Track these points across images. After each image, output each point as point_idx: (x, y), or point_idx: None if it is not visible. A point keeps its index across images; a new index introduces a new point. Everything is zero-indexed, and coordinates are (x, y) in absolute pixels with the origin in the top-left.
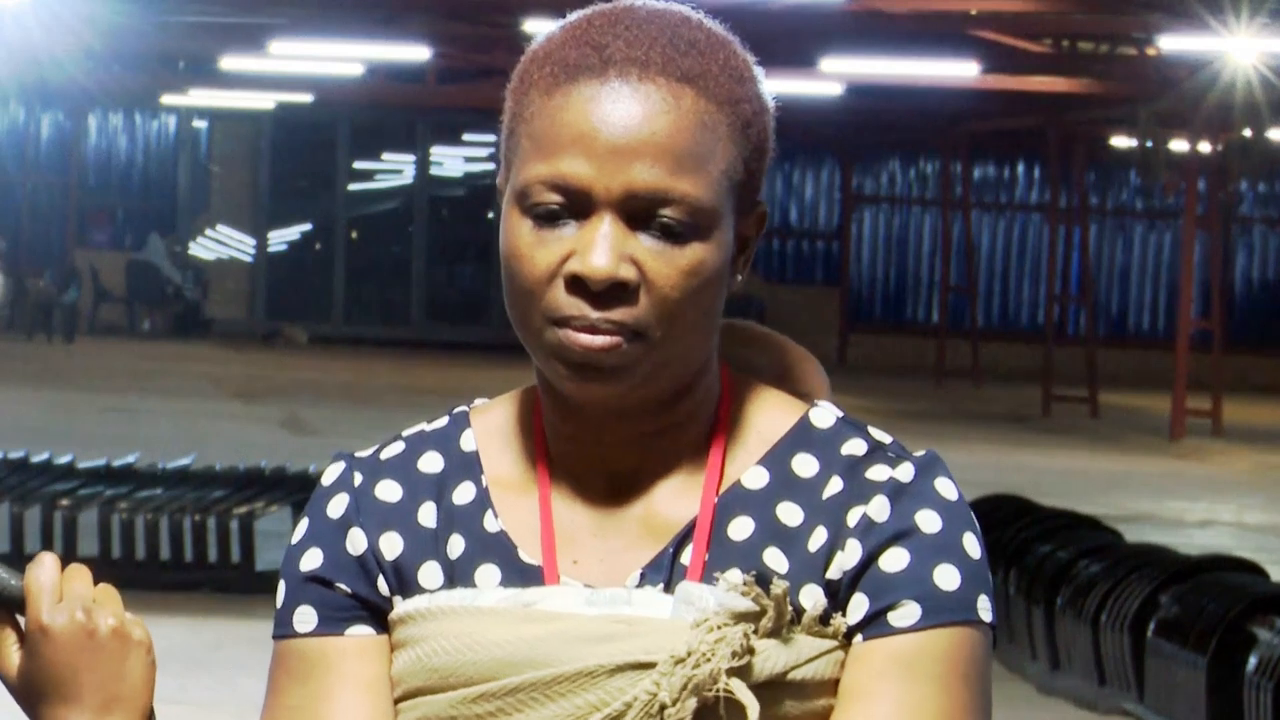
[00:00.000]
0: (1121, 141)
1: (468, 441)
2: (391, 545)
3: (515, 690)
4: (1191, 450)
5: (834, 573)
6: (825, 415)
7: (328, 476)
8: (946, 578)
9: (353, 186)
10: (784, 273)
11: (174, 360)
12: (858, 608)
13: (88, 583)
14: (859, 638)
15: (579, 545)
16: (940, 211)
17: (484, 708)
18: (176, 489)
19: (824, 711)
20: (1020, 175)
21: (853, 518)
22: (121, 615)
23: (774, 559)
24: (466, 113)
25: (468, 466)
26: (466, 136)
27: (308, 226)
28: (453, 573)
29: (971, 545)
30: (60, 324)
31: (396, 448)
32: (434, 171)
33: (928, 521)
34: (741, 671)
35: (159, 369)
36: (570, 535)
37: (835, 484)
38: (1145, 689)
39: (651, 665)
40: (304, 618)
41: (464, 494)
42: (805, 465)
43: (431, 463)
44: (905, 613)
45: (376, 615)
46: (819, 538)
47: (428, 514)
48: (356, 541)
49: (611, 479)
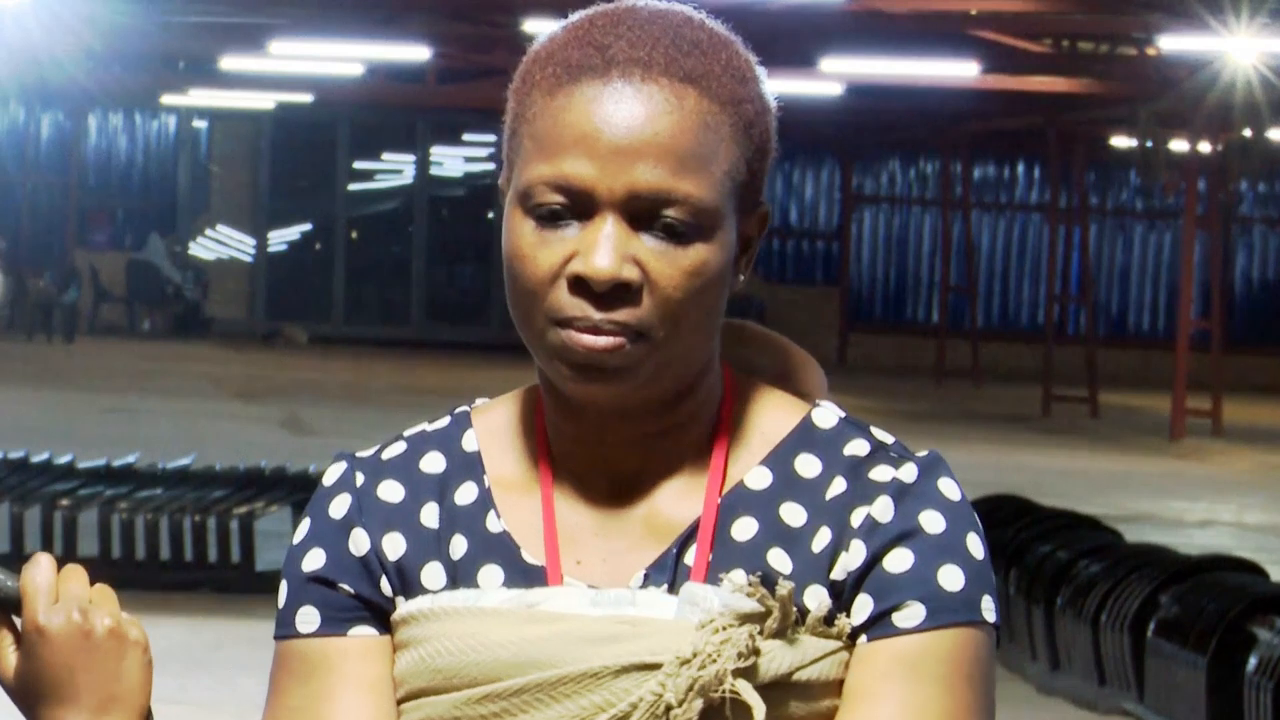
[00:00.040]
0: (1121, 141)
1: (469, 442)
2: (394, 546)
3: (520, 691)
4: (1191, 450)
5: (838, 573)
6: (827, 415)
7: (329, 477)
8: (951, 578)
9: (353, 186)
10: (784, 273)
11: (174, 360)
12: (862, 608)
13: (84, 583)
14: (863, 638)
15: (582, 546)
16: (940, 211)
17: (488, 708)
18: (176, 489)
19: (829, 712)
20: (1020, 175)
21: (856, 518)
22: (118, 615)
23: (778, 559)
24: (466, 113)
25: (470, 467)
26: (466, 136)
27: (308, 226)
28: (455, 573)
29: (975, 546)
30: (60, 324)
31: (398, 448)
32: (434, 171)
33: (931, 522)
34: (747, 672)
35: (159, 369)
36: (573, 536)
37: (838, 484)
38: (1145, 689)
39: (657, 666)
40: (307, 618)
41: (466, 494)
42: (808, 466)
43: (433, 463)
44: (910, 613)
45: (379, 616)
46: (823, 538)
47: (430, 514)
48: (359, 542)
49: (614, 479)
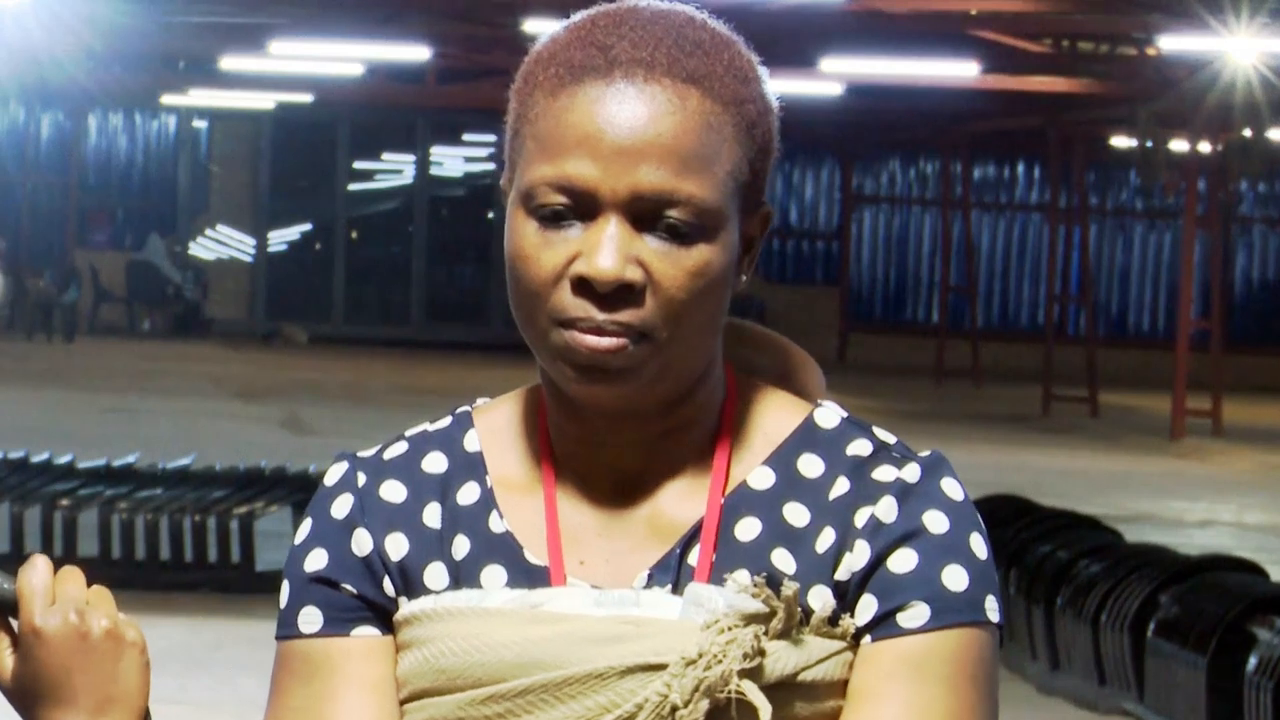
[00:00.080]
0: (1121, 141)
1: (471, 442)
2: (397, 546)
3: (525, 692)
4: (1191, 450)
5: (842, 574)
6: (830, 415)
7: (331, 477)
8: (955, 578)
9: (353, 186)
10: (784, 273)
11: (174, 360)
12: (866, 609)
13: (81, 585)
14: (867, 639)
15: (585, 546)
16: (940, 211)
17: (493, 709)
18: (176, 489)
19: (833, 712)
20: (1020, 175)
21: (860, 519)
22: (115, 617)
23: (782, 560)
24: (466, 113)
25: (472, 467)
26: (466, 136)
27: (308, 226)
28: (458, 574)
29: (978, 546)
30: (60, 324)
31: (400, 448)
32: (434, 171)
33: (935, 522)
34: (752, 673)
35: (159, 369)
36: (576, 536)
37: (841, 484)
38: (1145, 689)
39: (662, 667)
40: (309, 618)
41: (468, 494)
42: (811, 466)
43: (435, 463)
44: (914, 614)
45: (382, 616)
46: (826, 539)
47: (432, 514)
48: (362, 542)
49: (617, 479)
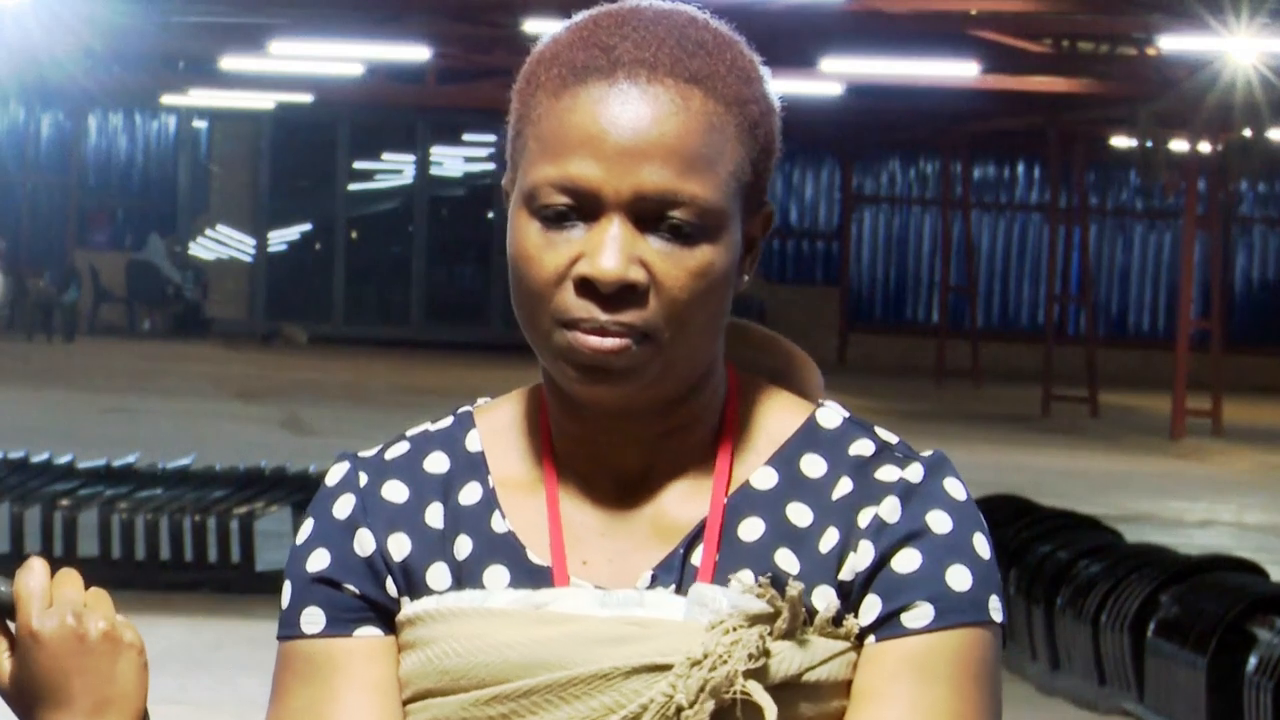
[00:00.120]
0: (1121, 141)
1: (473, 442)
2: (400, 546)
3: (530, 692)
4: (1191, 450)
5: (846, 574)
6: (832, 415)
7: (332, 477)
8: (959, 578)
9: (353, 186)
10: (784, 273)
11: (174, 360)
12: (870, 609)
13: (78, 587)
14: (871, 639)
15: (588, 546)
16: (940, 211)
17: (497, 710)
18: (176, 489)
19: (837, 713)
20: (1020, 175)
21: (864, 519)
22: (113, 619)
23: (785, 560)
24: (466, 113)
25: (474, 467)
26: (466, 136)
27: (308, 226)
28: (460, 574)
29: (982, 545)
30: (60, 324)
31: (401, 448)
32: (434, 171)
33: (939, 522)
34: (758, 674)
35: (159, 369)
36: (579, 536)
37: (844, 484)
38: (1145, 689)
39: (667, 667)
40: (312, 619)
41: (470, 494)
42: (813, 466)
43: (437, 463)
44: (918, 614)
45: (384, 616)
46: (830, 539)
47: (435, 515)
48: (365, 542)
49: (619, 479)
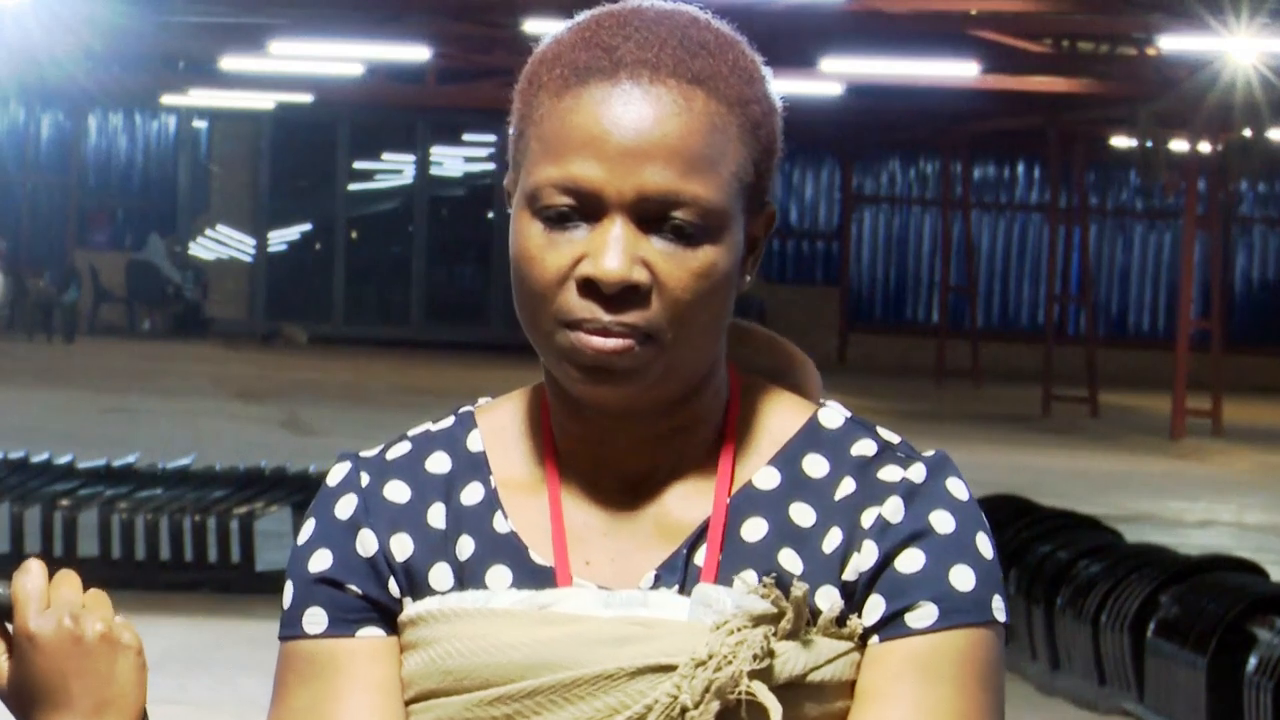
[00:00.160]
0: (1121, 141)
1: (475, 442)
2: (402, 546)
3: (534, 693)
4: (1191, 450)
5: (850, 574)
6: (834, 415)
7: (334, 477)
8: (962, 578)
9: (353, 186)
10: (784, 273)
11: (174, 360)
12: (874, 609)
13: (76, 588)
14: (875, 639)
15: (590, 546)
16: (940, 211)
17: (501, 710)
18: (176, 489)
19: (841, 713)
20: (1020, 175)
21: (867, 519)
22: (110, 620)
23: (788, 560)
24: (466, 113)
25: (475, 467)
26: (466, 136)
27: (308, 226)
28: (463, 574)
29: (984, 545)
30: (60, 324)
31: (403, 448)
32: (434, 171)
33: (942, 522)
34: (762, 674)
35: (159, 369)
36: (581, 536)
37: (847, 485)
38: (1145, 689)
39: (672, 668)
40: (314, 619)
41: (472, 494)
42: (816, 466)
43: (439, 463)
44: (922, 614)
45: (386, 617)
46: (833, 539)
47: (437, 515)
48: (367, 543)
49: (622, 479)
